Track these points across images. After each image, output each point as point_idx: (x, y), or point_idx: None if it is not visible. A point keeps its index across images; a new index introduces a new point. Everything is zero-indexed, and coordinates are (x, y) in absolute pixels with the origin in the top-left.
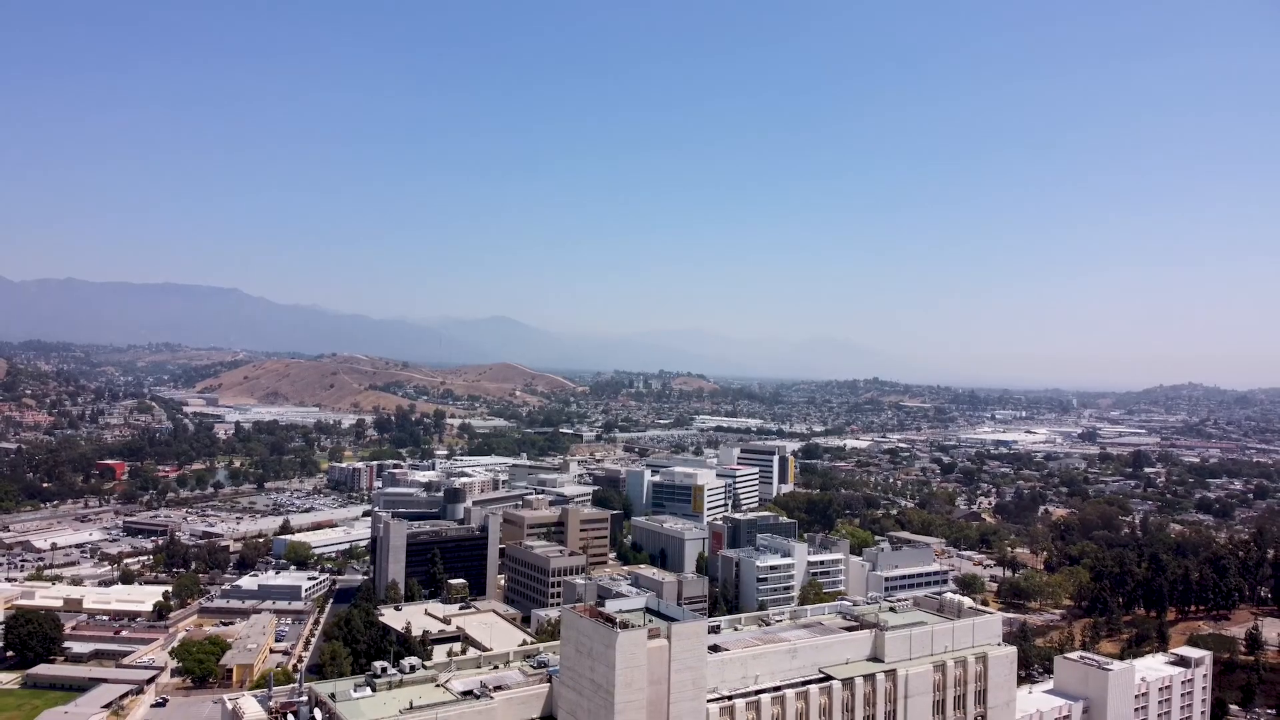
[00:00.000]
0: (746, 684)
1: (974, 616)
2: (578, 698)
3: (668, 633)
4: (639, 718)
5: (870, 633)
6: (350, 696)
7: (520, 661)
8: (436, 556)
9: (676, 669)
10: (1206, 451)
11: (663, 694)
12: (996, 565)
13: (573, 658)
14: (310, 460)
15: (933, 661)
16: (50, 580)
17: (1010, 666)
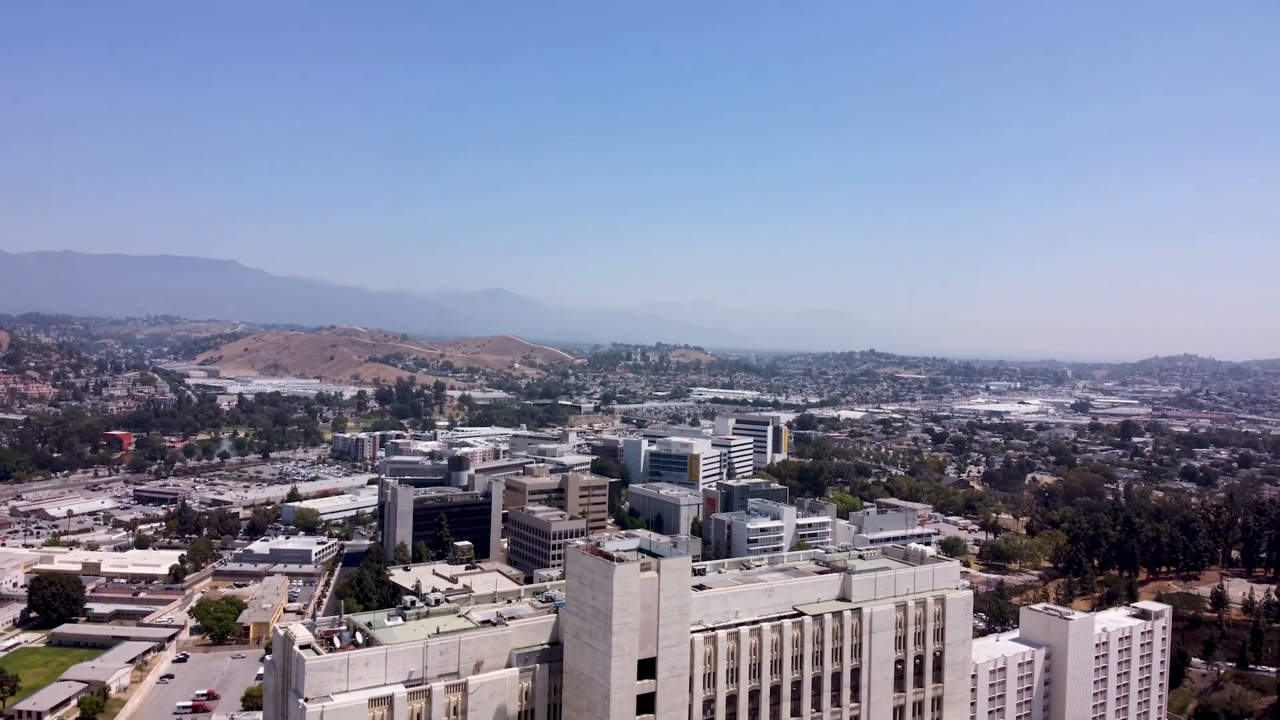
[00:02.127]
0: (728, 618)
1: (934, 563)
2: (581, 622)
3: (657, 567)
4: (633, 638)
5: (839, 576)
6: (384, 624)
7: (530, 597)
8: (442, 521)
9: (665, 597)
10: (1196, 422)
11: (653, 619)
12: (980, 530)
13: (576, 589)
14: (313, 431)
15: (895, 601)
16: (67, 546)
17: (966, 608)
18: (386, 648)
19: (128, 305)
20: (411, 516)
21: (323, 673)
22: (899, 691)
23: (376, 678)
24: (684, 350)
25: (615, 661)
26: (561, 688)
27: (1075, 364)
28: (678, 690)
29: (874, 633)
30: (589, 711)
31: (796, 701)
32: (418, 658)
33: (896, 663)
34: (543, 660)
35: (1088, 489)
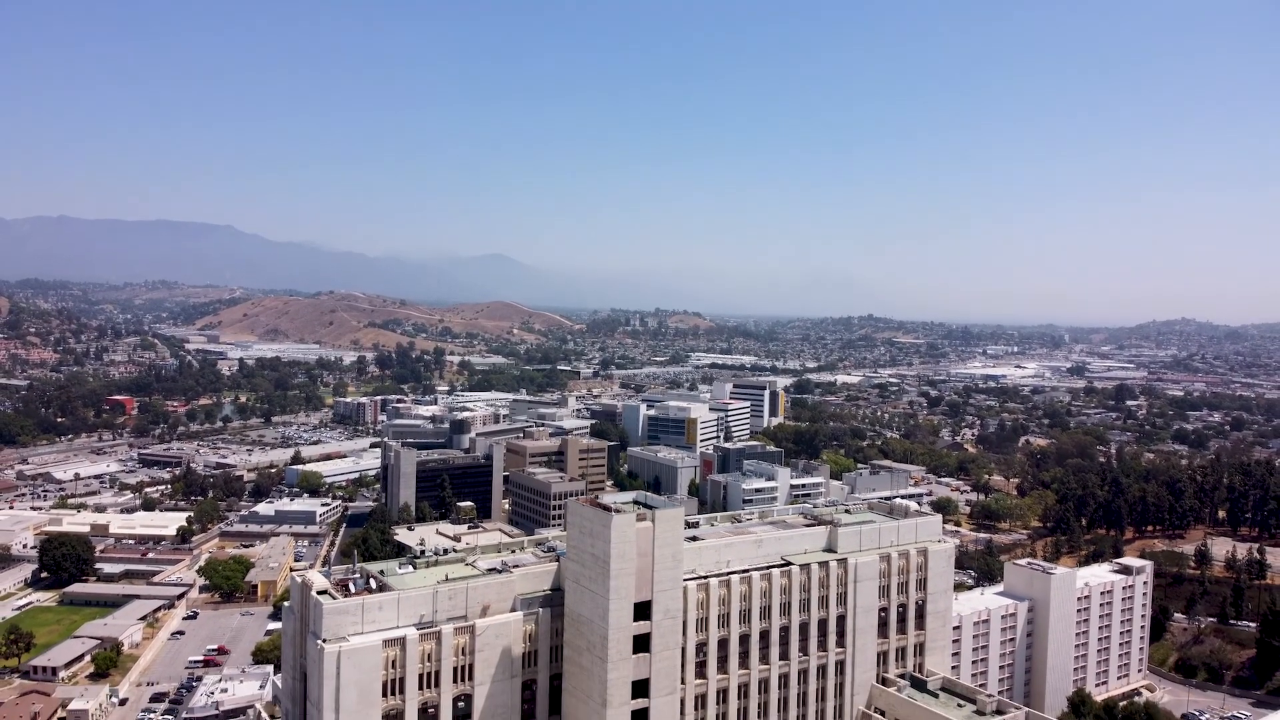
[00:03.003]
0: (720, 567)
1: (918, 517)
2: (581, 569)
3: (652, 517)
4: (629, 583)
5: (826, 528)
6: (395, 572)
7: (533, 548)
8: (445, 482)
9: (659, 545)
10: (1192, 385)
11: (648, 565)
12: (972, 490)
13: (576, 538)
14: (315, 395)
15: (879, 553)
16: (75, 508)
17: (948, 559)
18: (399, 593)
19: (125, 270)
20: (415, 478)
21: (339, 616)
22: (883, 638)
23: (389, 621)
24: (682, 316)
25: (613, 604)
26: (563, 630)
27: (1073, 328)
28: (671, 631)
29: (858, 582)
30: (589, 651)
31: (785, 646)
32: (428, 602)
33: (880, 610)
34: (545, 605)
35: (1079, 451)
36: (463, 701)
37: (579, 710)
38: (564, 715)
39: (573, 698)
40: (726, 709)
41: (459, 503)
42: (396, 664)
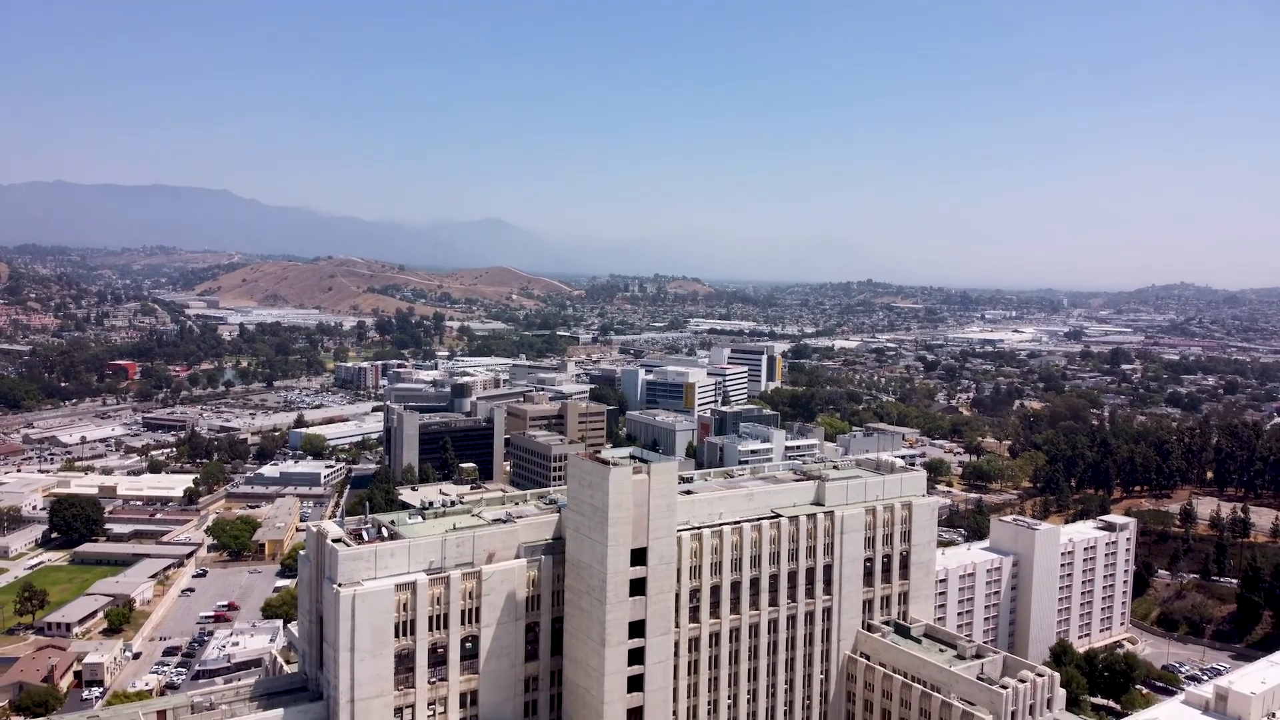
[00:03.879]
0: (713, 519)
1: (903, 473)
2: (581, 518)
3: (648, 470)
4: (626, 531)
5: (814, 483)
6: (405, 522)
7: (535, 500)
8: (448, 444)
9: (654, 496)
10: (1188, 349)
11: (644, 514)
12: (965, 452)
13: (576, 490)
14: (316, 360)
15: (865, 506)
16: (82, 471)
17: (931, 513)
18: (409, 541)
19: (122, 236)
20: (417, 440)
21: (354, 562)
22: (868, 586)
23: (401, 567)
24: (681, 281)
25: (611, 550)
26: (564, 576)
27: (1072, 293)
28: (666, 576)
29: (845, 533)
30: (589, 595)
31: (774, 593)
32: (437, 550)
33: (866, 560)
34: (547, 552)
35: (1072, 414)
36: (470, 642)
37: (579, 649)
38: (565, 654)
39: (574, 638)
40: (719, 651)
41: (461, 464)
42: (408, 607)
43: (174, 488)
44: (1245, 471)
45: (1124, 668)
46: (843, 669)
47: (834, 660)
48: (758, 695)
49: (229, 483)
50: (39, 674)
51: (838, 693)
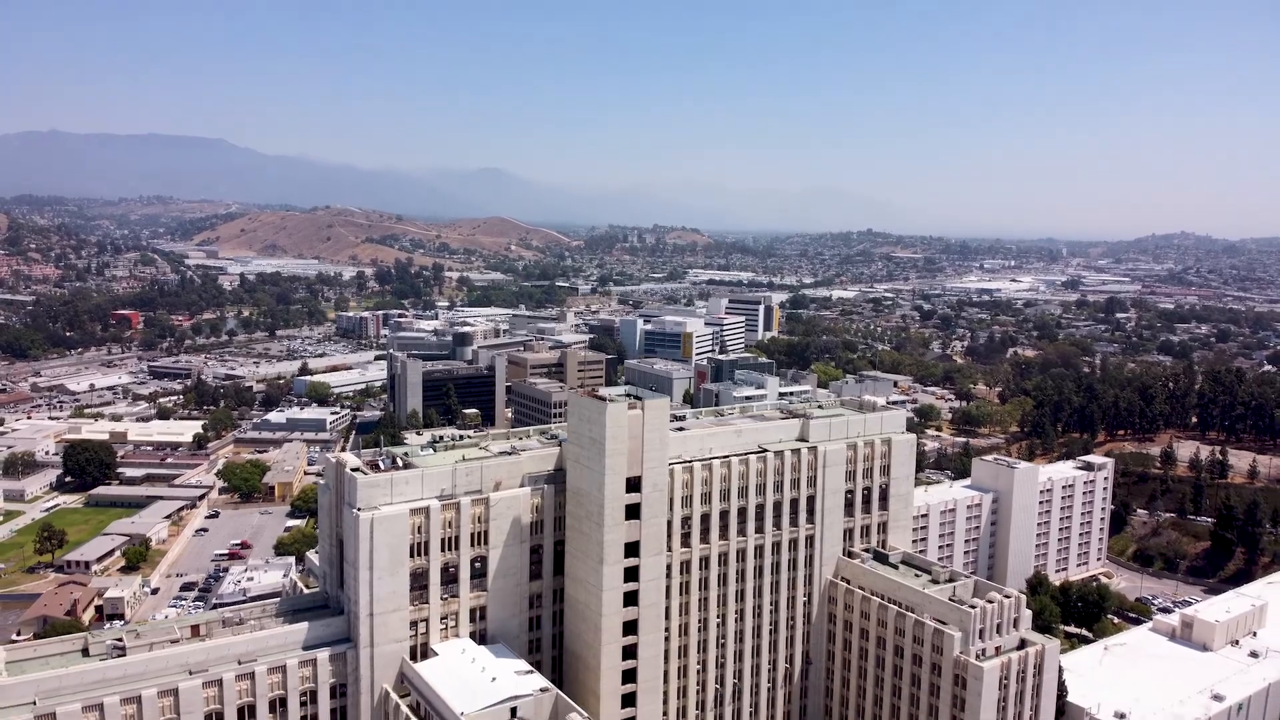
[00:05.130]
0: (703, 453)
1: (884, 411)
2: (580, 450)
3: (642, 405)
4: (622, 461)
5: (799, 421)
6: (418, 454)
7: (538, 435)
8: (450, 391)
9: (648, 429)
10: (1184, 299)
11: (638, 446)
12: (956, 399)
13: (576, 424)
14: (317, 310)
15: (847, 442)
16: (93, 417)
17: (910, 449)
18: (422, 470)
19: (118, 185)
20: (421, 387)
21: (372, 488)
22: (849, 516)
23: (415, 493)
24: (681, 232)
25: (608, 478)
26: (565, 503)
27: (1071, 242)
28: (658, 502)
29: (827, 467)
30: (588, 519)
31: (760, 521)
32: (448, 478)
33: (847, 492)
34: (549, 482)
35: (1064, 361)
36: (479, 562)
37: (580, 568)
38: (567, 573)
39: (574, 558)
40: (709, 574)
41: (464, 410)
42: (421, 530)
43: (183, 433)
44: (1227, 416)
45: (1096, 598)
46: (824, 592)
47: (816, 584)
48: (745, 615)
49: (236, 429)
50: (62, 608)
51: (820, 613)
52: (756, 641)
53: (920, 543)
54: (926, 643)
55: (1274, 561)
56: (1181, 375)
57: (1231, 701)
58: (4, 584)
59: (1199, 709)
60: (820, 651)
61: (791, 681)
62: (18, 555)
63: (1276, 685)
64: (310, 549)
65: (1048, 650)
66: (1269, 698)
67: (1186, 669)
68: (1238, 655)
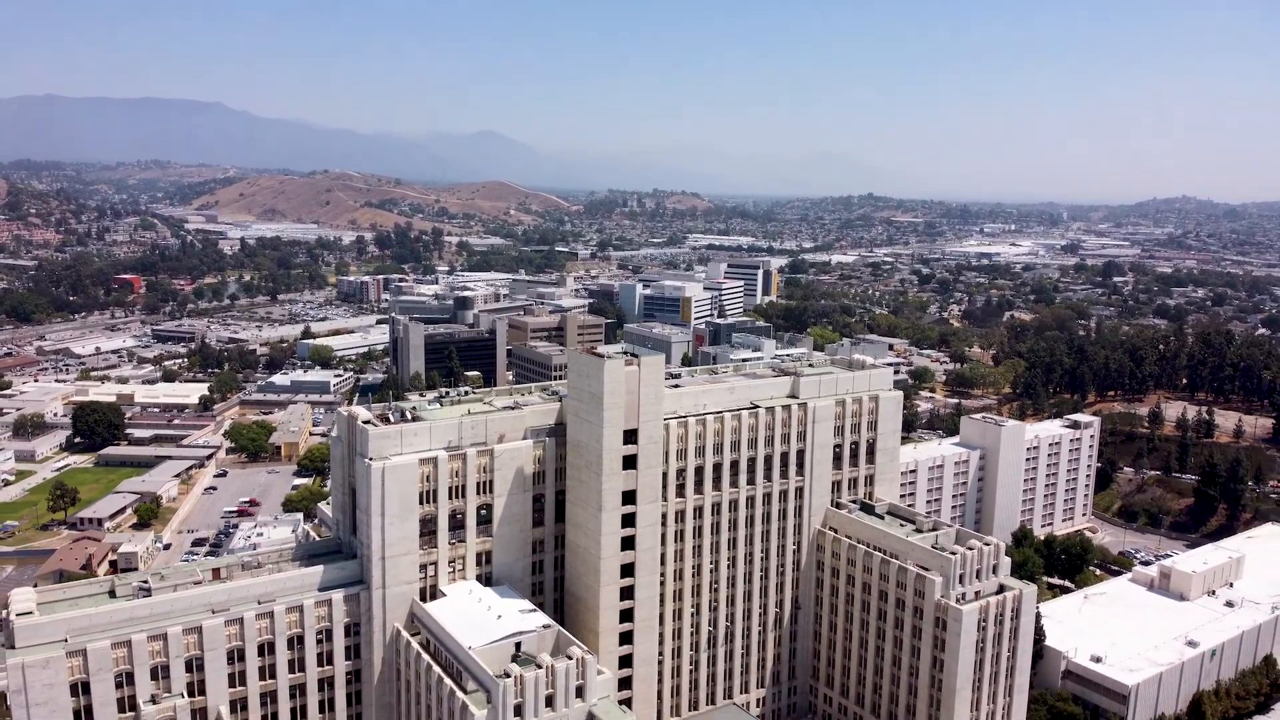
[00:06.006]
0: (697, 409)
1: (872, 369)
2: (580, 404)
3: (638, 362)
4: (619, 414)
5: (790, 378)
6: (426, 408)
7: (539, 392)
8: (452, 354)
9: (643, 385)
10: (1183, 262)
11: (634, 400)
12: (951, 361)
13: (576, 380)
14: (318, 274)
15: (835, 399)
16: (99, 380)
17: (897, 405)
18: (430, 423)
19: (115, 149)
20: (423, 350)
21: (382, 439)
22: (837, 469)
23: (423, 445)
24: (681, 197)
25: (606, 430)
26: (566, 455)
27: (1072, 206)
28: (654, 454)
29: (816, 422)
30: (587, 469)
31: (752, 473)
32: (455, 431)
33: (835, 446)
34: (550, 435)
35: (1059, 324)
36: (485, 510)
37: (580, 515)
38: (567, 520)
39: (574, 506)
40: (702, 523)
41: (466, 373)
42: (430, 478)
43: (189, 395)
44: (1216, 377)
45: (1079, 551)
46: (813, 540)
47: (805, 533)
48: (737, 561)
49: (241, 391)
50: (77, 562)
51: (809, 560)
52: (748, 586)
53: (909, 497)
54: (909, 587)
55: (1255, 517)
56: (1172, 338)
57: (1205, 647)
58: (20, 541)
59: (1173, 654)
60: (809, 596)
61: (781, 624)
62: (31, 513)
63: (1250, 633)
64: (319, 504)
65: (1025, 595)
66: (1242, 644)
67: (1163, 617)
68: (1214, 605)
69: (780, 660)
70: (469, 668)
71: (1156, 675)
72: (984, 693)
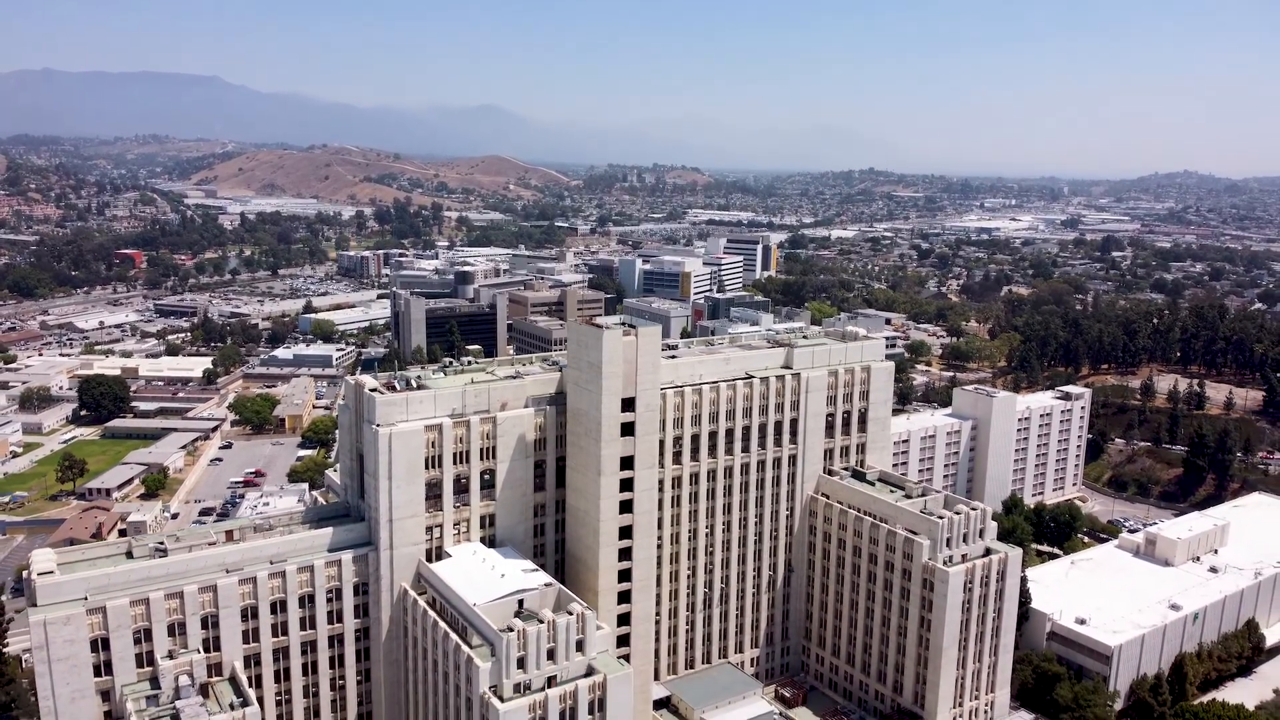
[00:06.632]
0: (694, 379)
1: (864, 341)
2: (579, 374)
3: (636, 332)
4: (617, 383)
5: (784, 349)
6: (430, 377)
7: (540, 362)
8: (453, 328)
9: (641, 354)
10: (1182, 237)
11: (632, 370)
12: (948, 335)
13: (575, 350)
14: (318, 249)
15: (828, 369)
16: (103, 354)
17: (888, 376)
18: (435, 391)
19: (113, 124)
20: (424, 325)
21: (389, 406)
22: (829, 438)
23: (428, 412)
24: (680, 171)
25: (605, 398)
26: (566, 422)
27: (1074, 181)
28: (651, 421)
29: (809, 392)
30: (587, 435)
31: (746, 441)
32: (459, 399)
33: (828, 415)
34: (551, 403)
35: (1056, 299)
36: (488, 475)
37: (580, 480)
38: (568, 485)
39: (575, 471)
40: (698, 489)
41: (467, 346)
42: (435, 444)
43: (193, 369)
44: (1209, 350)
45: (1068, 519)
46: (806, 506)
47: (798, 499)
48: (732, 525)
49: (244, 364)
50: (87, 531)
51: (801, 525)
52: (742, 550)
53: (901, 467)
54: (898, 550)
55: (1243, 487)
56: (1166, 311)
57: (1188, 611)
58: (30, 511)
59: (1157, 617)
60: (801, 560)
61: (775, 587)
62: (40, 484)
63: (1233, 597)
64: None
65: (1010, 558)
66: (1224, 608)
67: (1148, 582)
68: (1198, 570)
69: (774, 621)
70: (474, 623)
71: (1139, 637)
72: (970, 652)
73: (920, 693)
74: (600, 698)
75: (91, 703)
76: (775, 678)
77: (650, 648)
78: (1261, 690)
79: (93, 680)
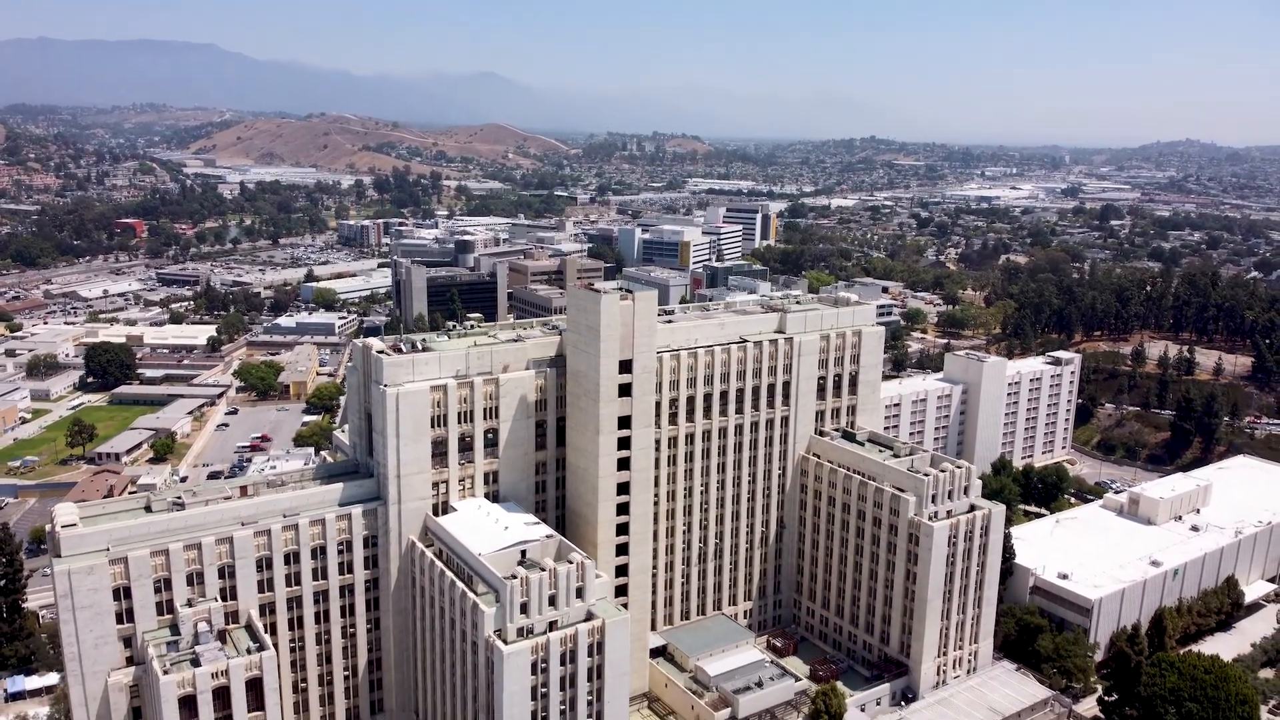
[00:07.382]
0: (690, 343)
1: (855, 306)
2: (578, 337)
3: (633, 297)
4: (615, 345)
5: (778, 314)
6: (435, 340)
7: (540, 326)
8: (454, 296)
9: (638, 318)
10: (1182, 206)
11: (629, 332)
12: (944, 303)
13: (574, 314)
14: (318, 218)
15: (820, 333)
16: (108, 322)
17: (879, 340)
18: (439, 353)
19: (110, 93)
20: (426, 293)
21: (396, 368)
22: (821, 400)
23: (433, 373)
24: (681, 140)
25: (603, 360)
26: (566, 383)
27: (1076, 149)
28: (647, 383)
29: (801, 356)
30: (586, 396)
31: (740, 403)
32: (463, 360)
33: (819, 378)
34: (551, 366)
35: (1053, 267)
36: (491, 433)
37: (579, 438)
38: (568, 443)
39: (574, 430)
40: (694, 448)
41: (467, 315)
42: (440, 404)
43: (197, 337)
44: (1200, 317)
45: (1055, 480)
46: (798, 465)
47: (790, 458)
48: (725, 484)
49: (248, 332)
50: (99, 494)
51: (793, 483)
52: (736, 507)
53: (893, 429)
54: (885, 507)
55: (1229, 450)
56: (1159, 279)
57: (1168, 567)
58: (41, 475)
59: (1138, 573)
60: (793, 516)
61: (767, 542)
62: (50, 449)
63: (1213, 555)
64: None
65: (994, 514)
66: (1204, 565)
67: (1130, 540)
68: (1179, 529)
69: (766, 575)
70: (479, 572)
71: (1119, 591)
72: (954, 604)
73: (906, 643)
74: (599, 640)
75: (114, 648)
76: (767, 629)
77: (647, 598)
78: (1239, 644)
79: (115, 627)
